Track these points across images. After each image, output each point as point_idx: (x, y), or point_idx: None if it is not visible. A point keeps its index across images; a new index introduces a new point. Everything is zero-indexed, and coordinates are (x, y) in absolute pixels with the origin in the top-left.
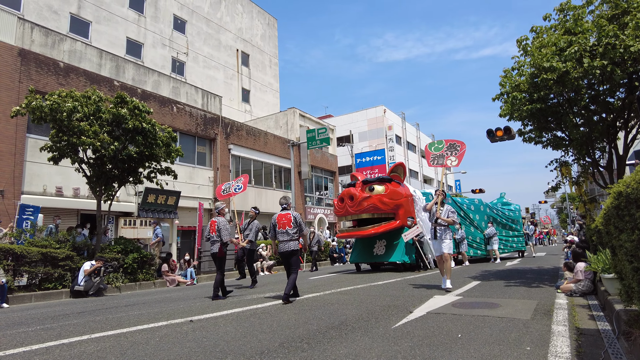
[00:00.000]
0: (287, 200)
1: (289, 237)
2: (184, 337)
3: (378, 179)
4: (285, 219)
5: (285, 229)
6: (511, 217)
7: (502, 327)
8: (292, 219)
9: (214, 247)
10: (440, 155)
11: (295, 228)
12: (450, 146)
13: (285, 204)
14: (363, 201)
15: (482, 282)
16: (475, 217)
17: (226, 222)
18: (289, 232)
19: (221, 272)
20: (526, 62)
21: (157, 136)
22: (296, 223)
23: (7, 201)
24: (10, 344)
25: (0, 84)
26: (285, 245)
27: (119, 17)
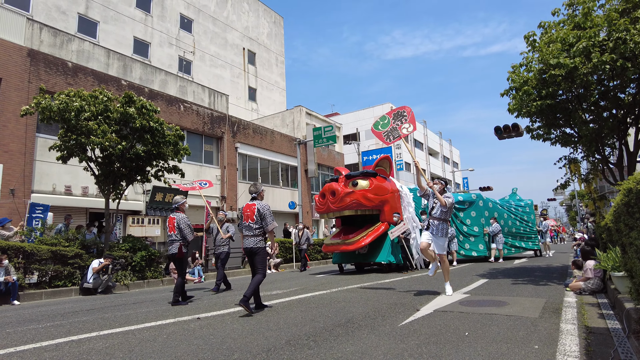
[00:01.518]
0: (257, 189)
1: (252, 233)
2: (191, 334)
3: (362, 174)
4: (249, 211)
5: (247, 221)
6: (521, 214)
7: (510, 325)
8: (255, 210)
9: (173, 248)
10: (392, 129)
11: (257, 222)
12: (396, 116)
13: (255, 193)
14: (345, 197)
15: (489, 280)
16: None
17: (186, 218)
18: (251, 227)
19: (182, 275)
20: (534, 58)
21: (164, 135)
22: (259, 216)
23: (17, 200)
24: (22, 340)
25: (10, 84)
26: (247, 241)
27: (126, 17)
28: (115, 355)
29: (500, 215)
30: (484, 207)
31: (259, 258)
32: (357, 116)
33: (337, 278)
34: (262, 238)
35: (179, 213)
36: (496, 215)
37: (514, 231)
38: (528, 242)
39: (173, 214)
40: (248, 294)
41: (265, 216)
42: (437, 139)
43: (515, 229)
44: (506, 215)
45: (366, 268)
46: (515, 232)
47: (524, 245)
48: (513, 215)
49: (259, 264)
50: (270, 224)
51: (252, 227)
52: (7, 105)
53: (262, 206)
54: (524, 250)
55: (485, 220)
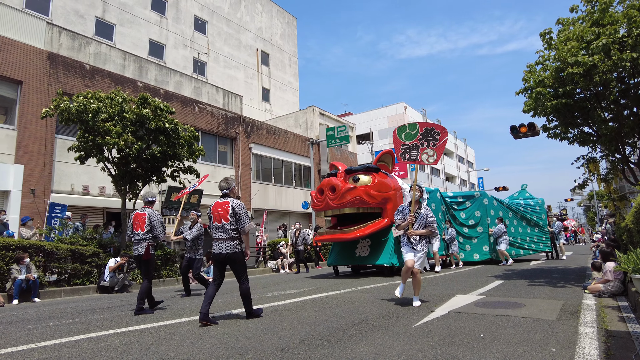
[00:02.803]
0: (229, 184)
1: (226, 235)
2: (206, 333)
3: (363, 168)
4: (221, 209)
5: (221, 222)
6: (531, 213)
7: (526, 327)
8: (229, 209)
9: (139, 248)
10: (414, 147)
11: (233, 223)
12: (427, 133)
13: (227, 189)
14: (347, 193)
15: (505, 281)
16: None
17: (159, 215)
18: (225, 228)
19: (148, 279)
20: (551, 56)
21: (179, 136)
22: (235, 215)
23: (37, 200)
24: (42, 336)
25: (30, 86)
26: (220, 245)
27: (141, 19)
28: (132, 353)
29: (506, 214)
30: (489, 205)
31: (239, 265)
32: (371, 116)
33: (349, 279)
34: (240, 241)
35: (150, 208)
36: (501, 214)
37: (521, 231)
38: (539, 244)
39: (142, 210)
40: (249, 309)
41: (241, 216)
42: (452, 138)
43: (522, 230)
44: (511, 214)
45: (362, 271)
46: (523, 232)
47: (534, 247)
48: (521, 215)
49: (242, 271)
50: (248, 225)
51: (226, 228)
52: (28, 107)
53: (237, 204)
54: (534, 252)
55: (491, 220)
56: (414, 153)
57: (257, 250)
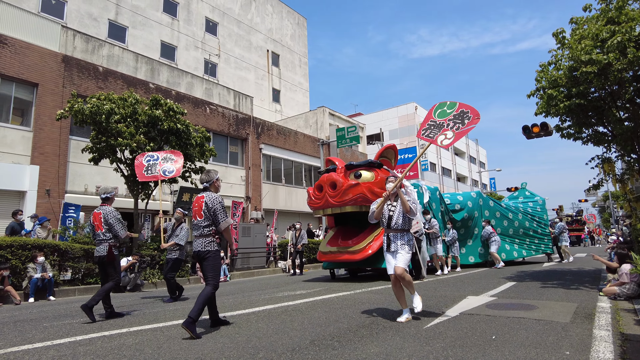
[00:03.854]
0: (210, 177)
1: (199, 232)
2: (217, 332)
3: (366, 164)
4: (197, 205)
5: (196, 218)
6: (532, 213)
7: (539, 329)
8: (202, 205)
9: (101, 249)
10: (439, 125)
11: (206, 219)
12: (459, 115)
13: (207, 182)
14: (349, 190)
15: (517, 283)
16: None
17: (116, 212)
18: (198, 224)
19: (115, 281)
20: (564, 56)
21: (191, 136)
22: (208, 211)
23: (52, 200)
24: (57, 334)
25: (46, 89)
26: (195, 242)
27: (153, 22)
28: (144, 352)
29: (504, 215)
30: (484, 206)
31: (209, 264)
32: (381, 116)
33: (356, 281)
34: (213, 239)
35: (106, 206)
36: (498, 215)
37: (522, 232)
38: (540, 245)
39: (99, 209)
40: (194, 314)
41: (216, 211)
42: (464, 138)
43: (523, 230)
44: (511, 215)
45: (360, 274)
46: (523, 233)
47: (535, 248)
48: (521, 215)
49: (209, 271)
50: (223, 222)
51: (199, 225)
52: (43, 109)
53: (212, 199)
54: (535, 252)
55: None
56: (434, 131)
57: (268, 251)
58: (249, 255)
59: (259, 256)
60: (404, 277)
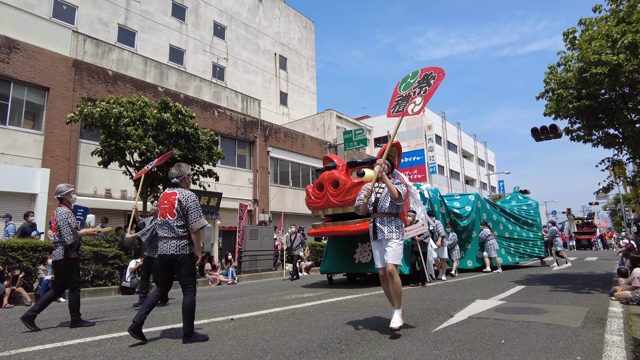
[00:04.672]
0: (181, 172)
1: (171, 233)
2: (225, 335)
3: (369, 161)
4: (167, 202)
5: (166, 217)
6: (525, 217)
7: (549, 334)
8: (175, 202)
9: (57, 253)
10: (406, 97)
11: (180, 218)
12: (424, 79)
13: (178, 177)
14: (353, 189)
15: (526, 286)
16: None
17: (67, 214)
18: (170, 225)
19: (72, 289)
20: (574, 57)
21: (199, 139)
22: (182, 209)
23: None
24: (68, 335)
25: (56, 93)
26: (164, 245)
27: (162, 26)
28: (153, 353)
29: (500, 218)
30: (482, 208)
31: (186, 270)
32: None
33: (364, 284)
34: (188, 241)
35: (62, 207)
36: (495, 218)
37: (517, 236)
38: (534, 249)
39: (57, 209)
40: (187, 329)
41: (190, 209)
42: (472, 141)
43: (517, 234)
44: (505, 218)
45: (358, 279)
46: (518, 237)
47: (529, 252)
48: (514, 219)
49: (187, 278)
50: (197, 221)
51: (171, 225)
52: (54, 113)
53: (186, 196)
54: (529, 257)
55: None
56: (402, 104)
57: (275, 254)
58: (256, 257)
59: (266, 259)
60: (393, 276)
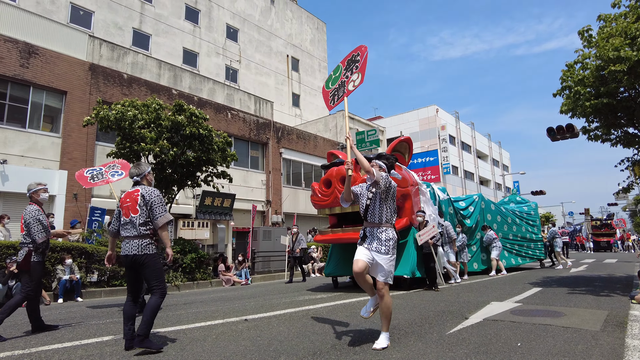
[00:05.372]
0: (141, 170)
1: (135, 232)
2: (239, 335)
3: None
4: (130, 200)
5: (129, 216)
6: (526, 218)
7: (567, 337)
8: (138, 198)
9: (20, 254)
10: (340, 85)
11: (143, 215)
12: (349, 63)
13: (138, 175)
14: None
15: (543, 288)
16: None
17: (38, 212)
18: (133, 222)
19: (24, 294)
20: (591, 55)
21: (213, 141)
22: (145, 205)
23: (79, 204)
24: (85, 334)
25: (73, 96)
26: (127, 245)
27: (176, 29)
28: (168, 353)
29: (504, 219)
30: (486, 209)
31: (150, 270)
32: (402, 119)
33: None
34: (151, 240)
35: (31, 205)
36: (499, 219)
37: (519, 238)
38: (535, 251)
39: (27, 207)
40: (143, 330)
41: (154, 204)
42: (486, 141)
43: (521, 235)
44: (510, 219)
45: None
46: (521, 239)
47: (531, 254)
48: (518, 220)
49: (153, 279)
50: (162, 216)
51: (134, 223)
52: (71, 116)
53: (149, 190)
54: (530, 259)
55: (488, 224)
56: (341, 90)
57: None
58: (269, 258)
59: (279, 260)
60: (383, 295)
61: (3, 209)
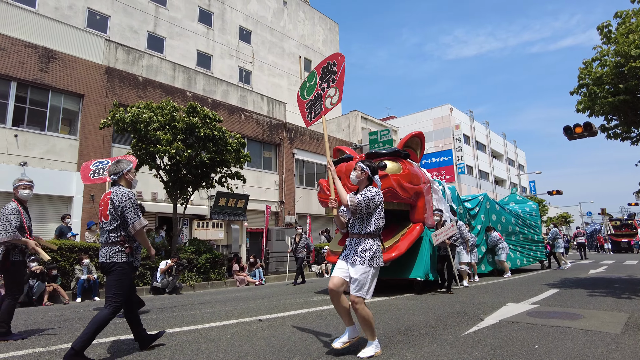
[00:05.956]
0: (120, 168)
1: (104, 238)
2: (253, 335)
3: (391, 152)
4: (103, 203)
5: (101, 220)
6: (528, 219)
7: (586, 340)
8: (108, 202)
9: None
10: (317, 98)
11: (114, 220)
12: (324, 72)
13: (116, 174)
14: None
15: (561, 290)
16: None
17: (12, 209)
18: (103, 227)
19: (10, 298)
20: (610, 51)
21: (227, 143)
22: (115, 210)
23: (96, 205)
24: (103, 333)
25: (90, 99)
26: (100, 251)
27: (189, 32)
28: (183, 352)
29: (508, 219)
30: (491, 209)
31: (113, 280)
32: (415, 119)
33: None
34: (122, 248)
35: (10, 203)
36: (503, 220)
37: (522, 239)
38: (537, 252)
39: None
40: (79, 344)
41: (125, 210)
42: (501, 140)
43: (523, 236)
44: (514, 220)
45: None
46: (524, 239)
47: (533, 255)
48: (520, 220)
49: (112, 289)
50: (135, 222)
51: (104, 229)
52: (88, 118)
53: (119, 194)
54: (533, 260)
55: (492, 225)
56: (318, 105)
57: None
58: (283, 259)
59: (293, 260)
60: (357, 309)
61: None
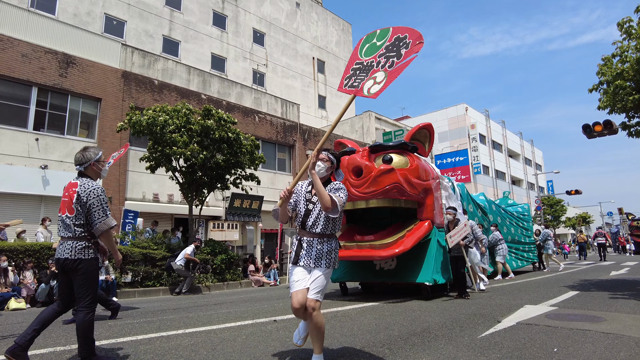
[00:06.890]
0: (86, 157)
1: (68, 232)
2: (268, 336)
3: (397, 145)
4: (67, 195)
5: (64, 213)
6: (522, 220)
7: (608, 344)
8: (74, 196)
9: None
10: (367, 66)
11: (79, 217)
12: (395, 43)
13: (81, 164)
14: (380, 178)
15: (580, 292)
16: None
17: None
18: (66, 222)
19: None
20: (631, 47)
21: (241, 145)
22: (80, 206)
23: (113, 207)
24: (120, 333)
25: (108, 103)
26: (61, 246)
27: (204, 35)
28: (199, 352)
29: (504, 220)
30: (487, 209)
31: (82, 279)
32: (429, 118)
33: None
34: (88, 243)
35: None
36: (499, 220)
37: (517, 240)
38: (529, 254)
39: None
40: (82, 354)
41: (92, 207)
42: (518, 139)
43: (518, 238)
44: (509, 220)
45: (376, 289)
46: (517, 240)
47: (526, 257)
48: (514, 221)
49: (82, 289)
50: (102, 222)
51: (68, 224)
52: (106, 121)
53: (87, 190)
54: (527, 262)
55: (488, 226)
56: (360, 77)
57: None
58: None
59: None
60: (312, 314)
61: (45, 211)
